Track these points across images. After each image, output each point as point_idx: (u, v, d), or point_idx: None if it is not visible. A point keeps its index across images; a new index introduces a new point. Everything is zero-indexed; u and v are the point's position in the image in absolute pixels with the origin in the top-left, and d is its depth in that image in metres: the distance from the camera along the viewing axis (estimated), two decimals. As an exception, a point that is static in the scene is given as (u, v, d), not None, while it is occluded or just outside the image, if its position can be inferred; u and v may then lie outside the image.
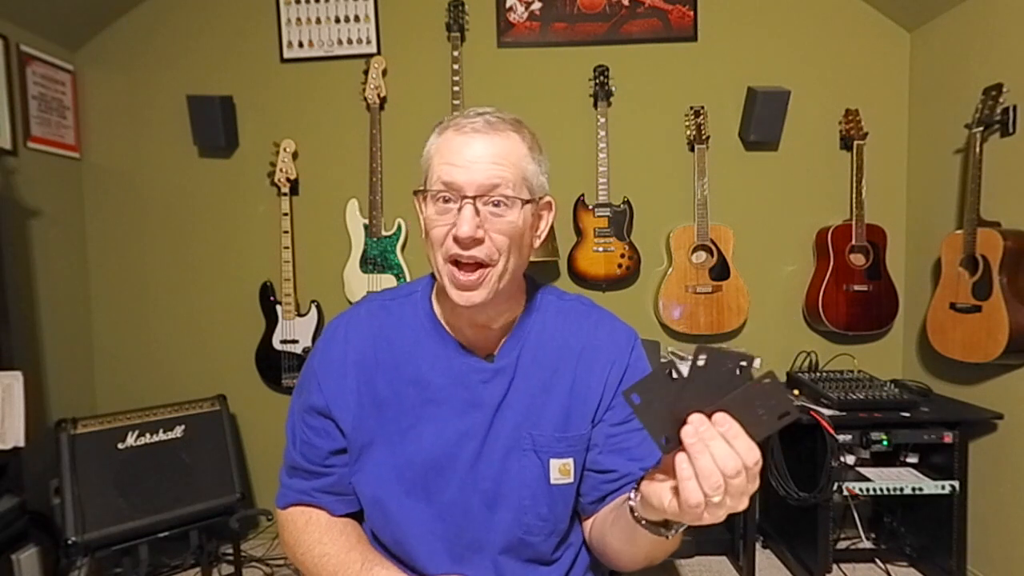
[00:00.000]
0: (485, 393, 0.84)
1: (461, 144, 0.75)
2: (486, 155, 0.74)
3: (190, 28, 2.49)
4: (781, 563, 2.24)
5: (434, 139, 0.79)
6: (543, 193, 0.82)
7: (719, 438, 0.55)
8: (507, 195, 0.74)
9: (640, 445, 0.84)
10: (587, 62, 2.40)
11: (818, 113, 2.42)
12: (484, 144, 0.75)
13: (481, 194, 0.74)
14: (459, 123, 0.77)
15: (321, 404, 0.86)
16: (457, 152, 0.75)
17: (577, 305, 0.92)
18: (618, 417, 0.85)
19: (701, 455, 0.54)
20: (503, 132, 0.76)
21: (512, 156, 0.76)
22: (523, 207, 0.76)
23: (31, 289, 2.24)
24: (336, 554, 0.82)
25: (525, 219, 0.78)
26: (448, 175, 0.74)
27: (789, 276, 2.47)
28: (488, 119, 0.77)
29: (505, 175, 0.74)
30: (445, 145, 0.76)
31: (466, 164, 0.74)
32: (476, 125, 0.76)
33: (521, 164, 0.77)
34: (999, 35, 2.00)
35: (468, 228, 0.73)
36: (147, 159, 2.52)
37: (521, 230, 0.77)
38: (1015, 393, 1.94)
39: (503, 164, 0.75)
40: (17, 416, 1.77)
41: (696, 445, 0.55)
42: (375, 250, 2.38)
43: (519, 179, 0.76)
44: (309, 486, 0.88)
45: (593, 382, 0.85)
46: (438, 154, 0.77)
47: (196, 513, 2.07)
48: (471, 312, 0.80)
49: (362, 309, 0.91)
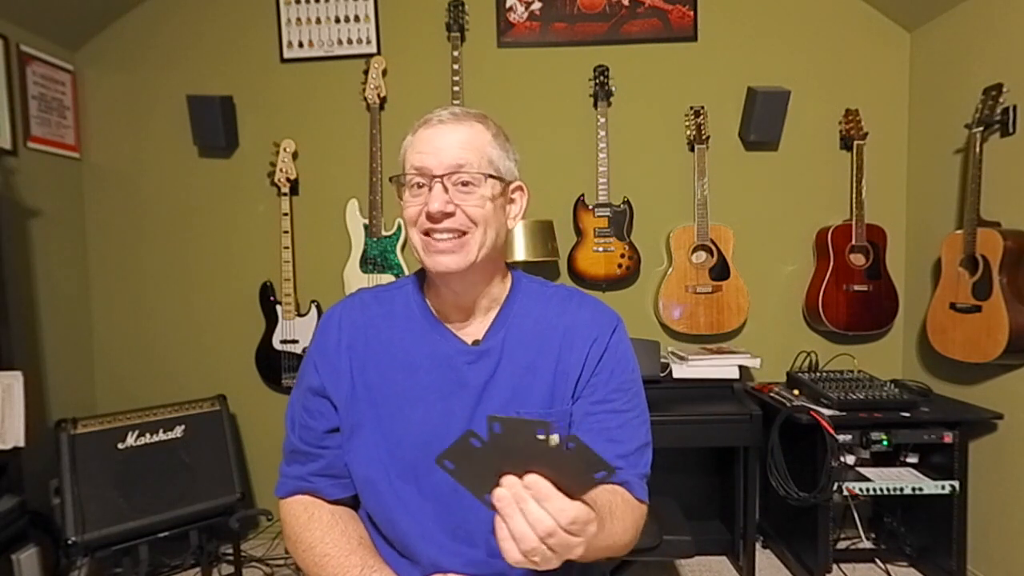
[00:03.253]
0: (471, 374, 0.87)
1: (430, 135, 0.83)
2: (453, 141, 0.82)
3: (190, 28, 2.49)
4: (781, 563, 2.24)
5: (408, 138, 0.87)
6: (512, 178, 0.88)
7: (530, 500, 0.56)
8: (472, 172, 0.81)
9: (620, 428, 0.87)
10: (587, 62, 2.40)
11: (818, 113, 2.42)
12: (450, 132, 0.82)
13: (449, 173, 0.81)
14: (428, 119, 0.85)
15: (317, 384, 0.90)
16: (426, 141, 0.83)
17: (561, 290, 0.96)
18: (597, 396, 0.87)
19: (512, 517, 0.56)
20: (467, 122, 0.84)
21: (476, 141, 0.83)
22: (488, 181, 0.83)
23: (31, 289, 2.24)
24: (337, 556, 0.83)
25: (494, 194, 0.84)
26: (419, 160, 0.82)
27: (789, 276, 2.47)
28: (454, 111, 0.85)
29: (469, 157, 0.81)
30: (416, 138, 0.85)
31: (434, 151, 0.81)
32: (442, 117, 0.84)
33: (485, 148, 0.83)
34: (999, 35, 2.00)
35: (439, 203, 0.79)
36: (147, 159, 2.52)
37: (491, 206, 0.83)
38: (1015, 393, 1.94)
39: (467, 148, 0.82)
40: (17, 416, 1.77)
41: (506, 508, 0.56)
42: (375, 250, 2.38)
43: (484, 163, 0.83)
44: (306, 471, 0.90)
45: (574, 359, 0.88)
46: (411, 147, 0.85)
47: (196, 513, 2.07)
48: (452, 285, 0.85)
49: (355, 299, 0.96)
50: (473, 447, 0.57)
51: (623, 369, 0.90)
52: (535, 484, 0.56)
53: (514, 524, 0.56)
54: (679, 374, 2.20)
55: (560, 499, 0.56)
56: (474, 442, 0.57)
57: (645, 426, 0.90)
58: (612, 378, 0.88)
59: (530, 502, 0.56)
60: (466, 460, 0.58)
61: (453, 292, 0.87)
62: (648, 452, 0.89)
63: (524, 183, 0.91)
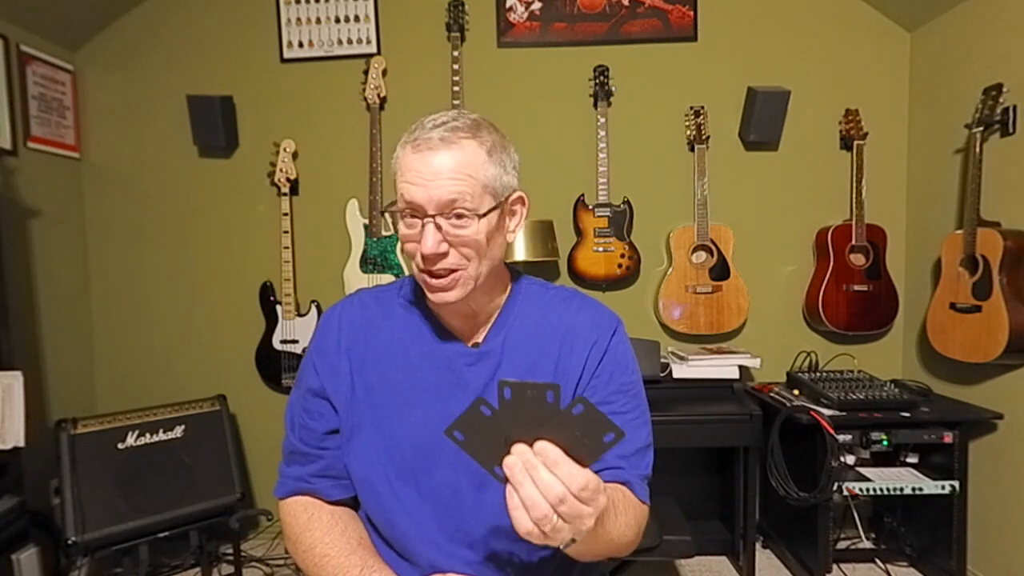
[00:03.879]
0: (471, 376, 0.86)
1: (418, 162, 0.77)
2: (443, 169, 0.76)
3: (190, 28, 2.49)
4: (781, 563, 2.24)
5: (399, 152, 0.81)
6: (509, 192, 0.83)
7: (541, 467, 0.56)
8: (467, 207, 0.77)
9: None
10: (587, 62, 2.40)
11: (818, 113, 2.42)
12: (440, 159, 0.76)
13: (441, 211, 0.77)
14: (416, 139, 0.79)
15: (317, 385, 0.89)
16: (415, 170, 0.77)
17: (561, 292, 0.95)
18: (597, 398, 0.87)
19: (522, 485, 0.56)
20: (458, 143, 0.78)
21: (468, 167, 0.77)
22: (485, 217, 0.78)
23: (31, 289, 2.24)
24: (336, 556, 0.83)
25: (490, 226, 0.80)
26: (409, 194, 0.77)
27: (789, 276, 2.47)
28: (442, 133, 0.78)
29: (463, 189, 0.76)
30: (405, 162, 0.79)
31: (423, 182, 0.76)
32: (431, 141, 0.77)
33: (479, 173, 0.78)
34: (999, 35, 2.00)
35: (431, 245, 0.76)
36: (147, 159, 2.52)
37: (485, 238, 0.79)
38: (1015, 393, 1.94)
39: (459, 178, 0.76)
40: (17, 416, 1.77)
41: (517, 476, 0.56)
42: (375, 250, 2.38)
43: (478, 189, 0.78)
44: (306, 471, 0.90)
45: (574, 361, 0.87)
46: (399, 172, 0.80)
47: (196, 513, 2.07)
48: (452, 305, 0.83)
49: (355, 299, 0.95)
50: (483, 416, 0.57)
51: (623, 371, 0.89)
52: (545, 451, 0.56)
53: (525, 491, 0.56)
54: (679, 374, 2.20)
55: (571, 465, 0.56)
56: (484, 410, 0.57)
57: (646, 428, 0.90)
58: (612, 380, 0.88)
59: (541, 468, 0.56)
60: (475, 430, 0.58)
61: (453, 307, 0.86)
62: (649, 454, 0.89)
63: (524, 191, 0.87)
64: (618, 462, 0.84)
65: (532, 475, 0.56)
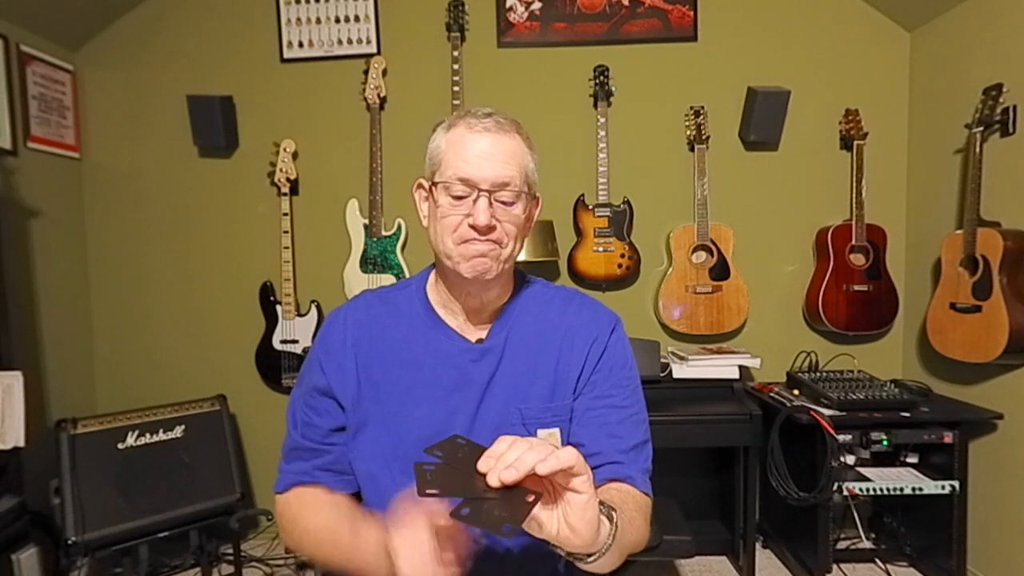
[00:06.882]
0: (474, 372, 0.88)
1: (473, 142, 0.82)
2: (497, 153, 0.82)
3: (190, 28, 2.49)
4: (781, 563, 2.24)
5: (442, 134, 0.85)
6: (536, 189, 0.89)
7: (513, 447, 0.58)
8: (515, 190, 0.83)
9: (620, 423, 0.88)
10: (587, 62, 2.40)
11: (818, 113, 2.42)
12: (494, 143, 0.82)
13: (494, 189, 0.82)
14: (470, 122, 0.83)
15: (323, 384, 0.90)
16: (470, 149, 0.82)
17: (562, 291, 0.98)
18: (597, 391, 0.89)
19: (514, 450, 0.58)
20: (509, 133, 0.84)
21: (517, 155, 0.84)
22: (527, 200, 0.85)
23: (31, 289, 2.24)
24: (328, 525, 0.83)
25: (528, 211, 0.87)
26: (464, 171, 0.81)
27: (789, 276, 2.47)
28: (497, 119, 0.84)
29: (512, 173, 0.83)
30: (458, 141, 0.83)
31: (479, 161, 0.81)
32: (487, 125, 0.83)
33: (524, 162, 0.85)
34: (999, 35, 2.00)
35: (485, 218, 0.80)
36: (147, 159, 2.52)
37: (524, 220, 0.86)
38: (1015, 393, 1.94)
39: (511, 163, 0.83)
40: (17, 416, 1.77)
41: (507, 457, 0.58)
42: (375, 250, 2.38)
43: (523, 176, 0.84)
44: (309, 465, 0.90)
45: (575, 358, 0.90)
46: (451, 149, 0.83)
47: (196, 513, 2.07)
48: (473, 289, 0.87)
49: (360, 299, 0.97)
50: (445, 465, 0.61)
51: (622, 367, 0.92)
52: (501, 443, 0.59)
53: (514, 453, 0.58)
54: (679, 374, 2.20)
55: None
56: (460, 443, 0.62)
57: (644, 425, 0.91)
58: (611, 375, 0.91)
59: (513, 447, 0.58)
60: (448, 481, 0.61)
61: (469, 295, 0.88)
62: (648, 448, 0.90)
63: (541, 194, 0.92)
64: (618, 456, 0.85)
65: (513, 449, 0.58)
